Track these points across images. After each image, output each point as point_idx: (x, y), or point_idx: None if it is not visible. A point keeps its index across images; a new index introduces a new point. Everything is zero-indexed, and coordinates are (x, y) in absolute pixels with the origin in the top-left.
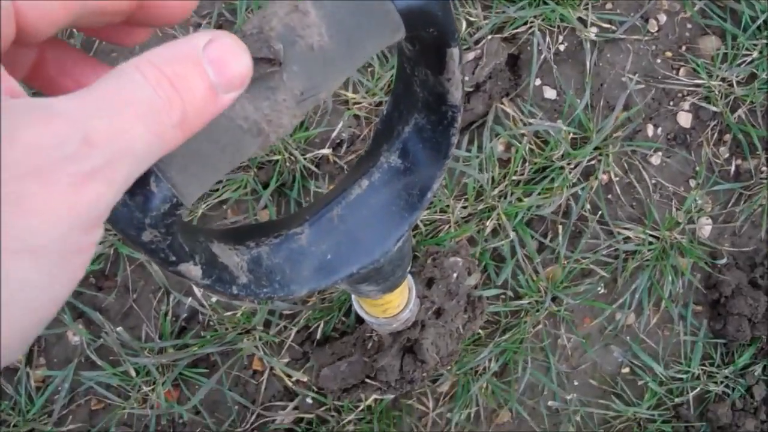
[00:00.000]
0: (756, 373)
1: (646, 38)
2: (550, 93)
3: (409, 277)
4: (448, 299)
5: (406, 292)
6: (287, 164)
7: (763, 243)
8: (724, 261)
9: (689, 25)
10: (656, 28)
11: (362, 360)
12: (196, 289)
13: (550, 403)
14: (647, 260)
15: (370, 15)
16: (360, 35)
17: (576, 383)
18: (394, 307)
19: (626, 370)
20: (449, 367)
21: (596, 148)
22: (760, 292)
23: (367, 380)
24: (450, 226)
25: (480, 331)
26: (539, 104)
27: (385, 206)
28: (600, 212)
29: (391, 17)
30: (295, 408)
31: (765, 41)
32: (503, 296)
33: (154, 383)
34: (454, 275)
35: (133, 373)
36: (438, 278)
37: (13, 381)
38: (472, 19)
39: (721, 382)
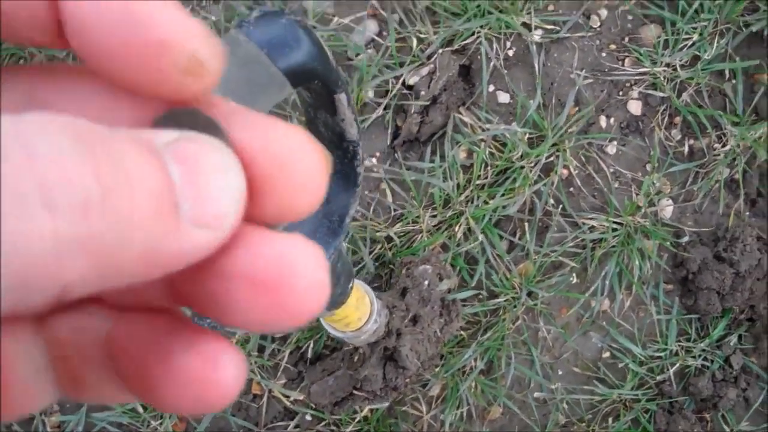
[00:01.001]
0: (732, 343)
1: (590, 34)
2: (503, 97)
3: (368, 289)
4: (422, 306)
5: (365, 305)
6: None
7: (724, 217)
8: (686, 239)
9: (629, 17)
10: (598, 24)
11: (348, 373)
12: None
13: (536, 394)
14: (613, 246)
15: (258, 76)
16: (249, 96)
17: (560, 372)
18: (354, 320)
19: (606, 354)
20: (433, 371)
21: (553, 145)
22: (725, 264)
23: (355, 391)
24: (422, 236)
25: (462, 332)
26: (494, 109)
27: (310, 234)
28: (562, 205)
29: (276, 77)
30: (296, 426)
31: (704, 23)
32: (480, 296)
33: (161, 417)
34: (426, 282)
35: (141, 410)
36: (410, 287)
37: (30, 429)
38: (422, 36)
39: (699, 356)
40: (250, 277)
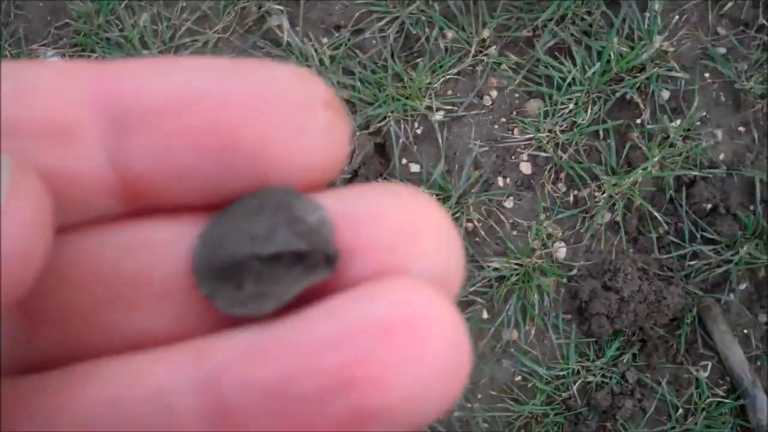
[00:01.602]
0: (626, 361)
1: (483, 111)
2: (415, 168)
3: None
4: None
5: None
6: None
7: (609, 254)
8: (578, 273)
9: (516, 95)
10: (490, 102)
11: None
12: None
13: (458, 414)
14: (515, 284)
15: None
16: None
17: (479, 396)
18: None
19: (518, 377)
20: None
21: (458, 203)
22: (611, 292)
23: None
24: None
25: None
26: (408, 178)
27: None
28: (469, 252)
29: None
30: None
31: (577, 94)
32: None
33: None
34: None
35: None
36: None
37: None
38: None
39: (598, 373)
40: (378, 324)
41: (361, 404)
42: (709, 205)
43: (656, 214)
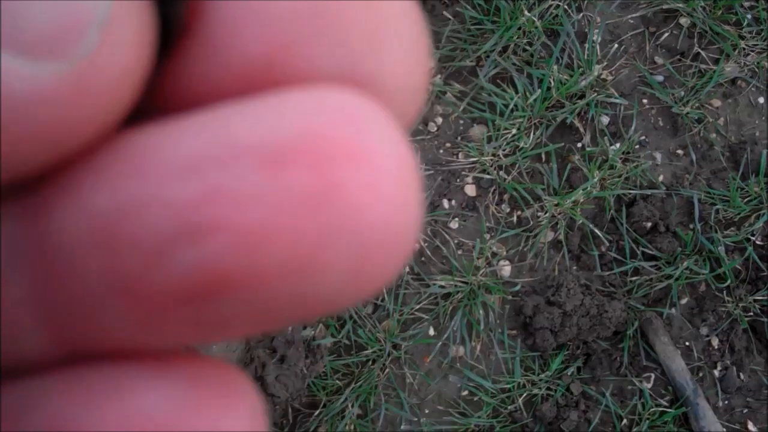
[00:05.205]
0: (570, 373)
1: (429, 137)
2: None
3: None
4: (287, 348)
5: None
6: None
7: (551, 271)
8: (522, 290)
9: (461, 121)
10: (435, 129)
11: None
12: None
13: (404, 427)
14: (461, 301)
15: None
16: None
17: (426, 411)
18: None
19: (465, 392)
20: (301, 401)
21: None
22: (554, 307)
23: None
24: None
25: (338, 381)
26: None
27: None
28: (416, 271)
29: None
30: None
31: (520, 120)
32: (351, 350)
33: None
34: (289, 327)
35: None
36: (276, 332)
37: None
38: None
39: (543, 386)
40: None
41: (213, 263)
42: (649, 224)
43: (598, 232)
